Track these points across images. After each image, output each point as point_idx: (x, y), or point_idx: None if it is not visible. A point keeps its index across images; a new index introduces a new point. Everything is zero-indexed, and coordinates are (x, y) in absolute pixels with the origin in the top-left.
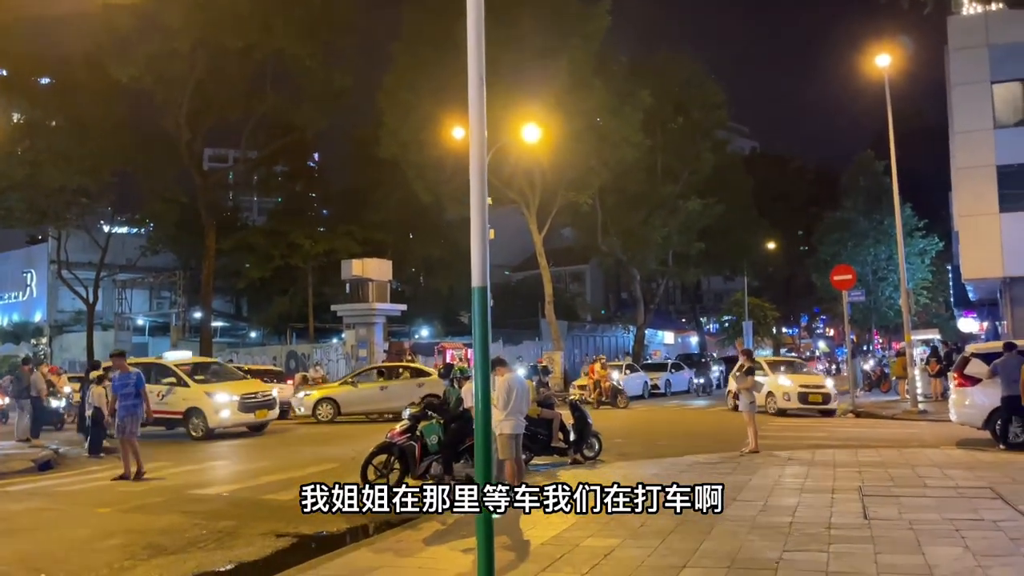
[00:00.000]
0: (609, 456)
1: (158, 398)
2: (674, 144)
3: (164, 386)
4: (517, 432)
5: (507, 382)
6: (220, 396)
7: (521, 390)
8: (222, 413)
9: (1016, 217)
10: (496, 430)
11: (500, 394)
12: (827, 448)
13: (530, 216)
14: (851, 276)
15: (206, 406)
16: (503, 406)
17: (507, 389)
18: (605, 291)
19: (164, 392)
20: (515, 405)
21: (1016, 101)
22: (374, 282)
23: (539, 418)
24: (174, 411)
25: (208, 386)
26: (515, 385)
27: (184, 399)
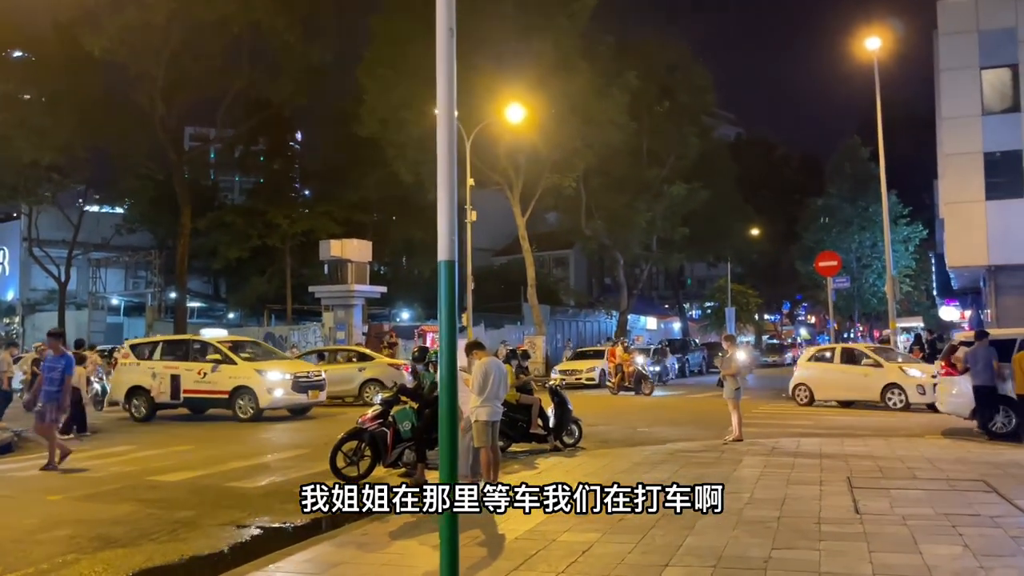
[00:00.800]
0: (589, 443)
1: (199, 376)
2: (660, 128)
3: (208, 364)
4: (494, 419)
5: (484, 366)
6: (273, 374)
7: (499, 375)
8: (275, 392)
9: (1002, 205)
10: (471, 417)
11: (476, 379)
12: (812, 437)
13: (513, 198)
14: (836, 262)
15: (257, 385)
16: (479, 391)
17: (484, 374)
18: (589, 276)
19: (208, 370)
20: (492, 390)
21: (1004, 88)
22: (353, 263)
23: (518, 404)
24: (218, 390)
25: (258, 363)
26: (492, 370)
27: (231, 377)
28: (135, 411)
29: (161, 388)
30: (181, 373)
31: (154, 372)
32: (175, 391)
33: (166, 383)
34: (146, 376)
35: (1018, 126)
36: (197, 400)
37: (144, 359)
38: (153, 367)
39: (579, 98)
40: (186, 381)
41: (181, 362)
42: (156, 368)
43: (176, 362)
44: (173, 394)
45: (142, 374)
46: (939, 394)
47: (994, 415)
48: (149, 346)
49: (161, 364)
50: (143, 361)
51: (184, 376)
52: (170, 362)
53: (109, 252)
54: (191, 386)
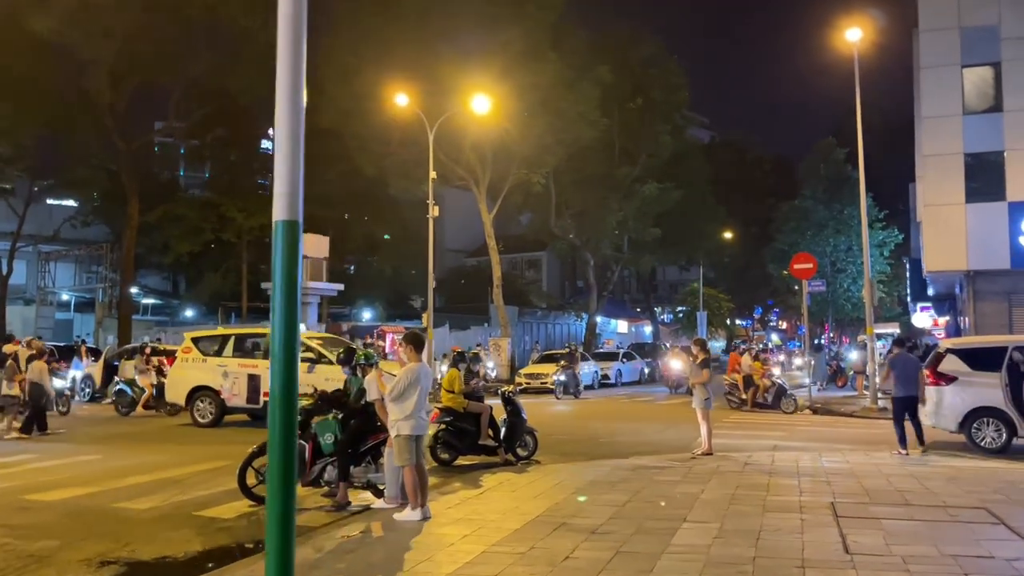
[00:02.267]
0: (546, 455)
1: None
2: (632, 125)
3: (305, 364)
4: (419, 433)
5: (412, 372)
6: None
7: (426, 383)
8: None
9: (982, 208)
10: (392, 430)
11: (398, 384)
12: (787, 450)
13: (480, 194)
14: (812, 265)
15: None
16: (398, 399)
17: (410, 380)
18: (562, 279)
19: (303, 369)
20: (419, 401)
21: (986, 87)
22: (308, 259)
23: (466, 412)
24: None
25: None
26: (421, 377)
27: (328, 380)
28: (200, 415)
29: (235, 390)
30: (262, 373)
31: (226, 371)
32: (253, 393)
33: (241, 384)
34: (214, 375)
35: (1000, 126)
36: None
37: (211, 355)
38: (224, 365)
39: (549, 91)
40: (267, 382)
41: (262, 360)
42: (229, 366)
43: (255, 360)
44: (250, 397)
45: (209, 372)
46: (923, 405)
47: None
48: (217, 340)
49: (235, 362)
50: (210, 358)
51: (265, 376)
52: (247, 359)
53: (60, 245)
54: None
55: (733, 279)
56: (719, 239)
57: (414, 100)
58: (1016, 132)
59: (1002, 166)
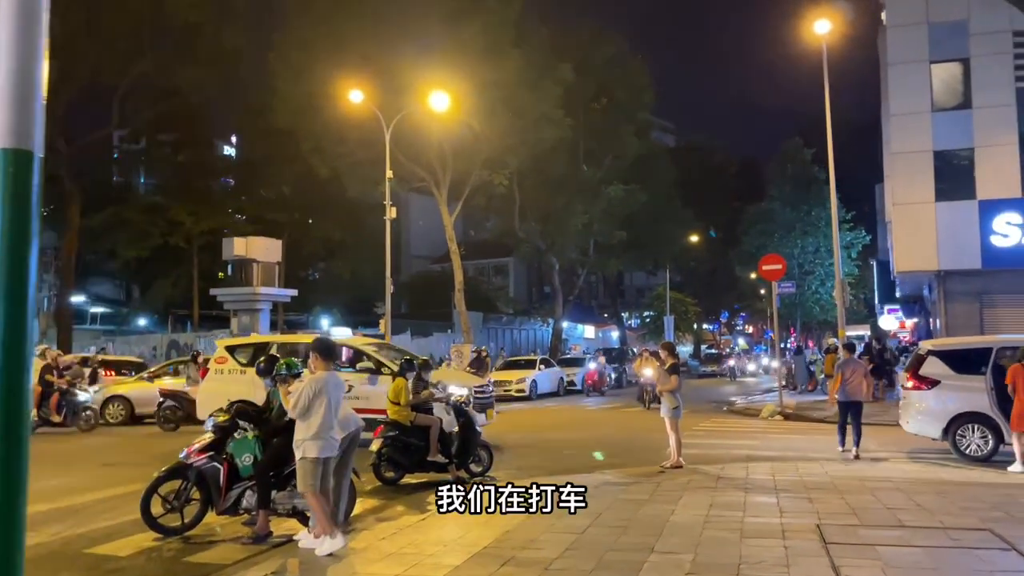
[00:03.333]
0: (503, 471)
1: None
2: (597, 126)
3: (361, 374)
4: (325, 455)
5: (315, 383)
6: (455, 389)
7: (336, 396)
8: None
9: (952, 207)
10: (297, 451)
11: (300, 398)
12: (762, 461)
13: (440, 196)
14: (781, 266)
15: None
16: (301, 414)
17: (313, 392)
18: (528, 285)
19: (358, 383)
20: (326, 418)
21: (955, 83)
22: (259, 263)
23: (413, 426)
24: (374, 409)
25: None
26: (326, 388)
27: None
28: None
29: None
30: None
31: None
32: None
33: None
34: (256, 388)
35: (969, 124)
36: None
37: (249, 365)
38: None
39: (510, 90)
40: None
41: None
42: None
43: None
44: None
45: (250, 385)
46: (904, 411)
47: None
48: (257, 349)
49: None
50: (249, 368)
51: None
52: None
53: None
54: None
55: (700, 283)
56: (686, 243)
57: (370, 97)
58: (985, 129)
59: (972, 164)
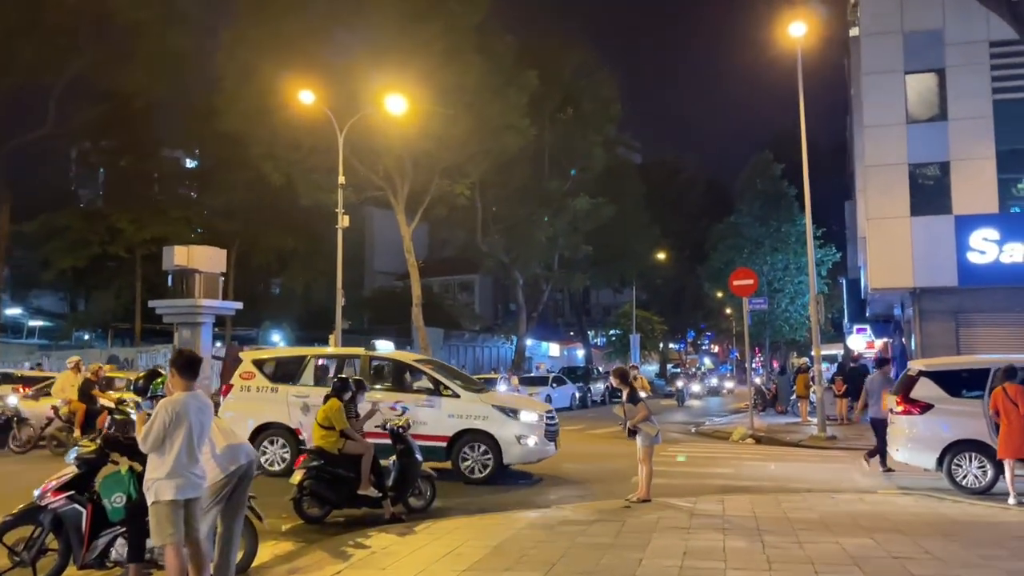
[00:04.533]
0: (450, 504)
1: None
2: (562, 137)
3: (418, 394)
4: (186, 496)
5: (172, 407)
6: (526, 414)
7: (199, 422)
8: (527, 441)
9: (928, 222)
10: (149, 493)
11: (154, 428)
12: (738, 492)
13: (398, 206)
14: (752, 281)
15: (499, 429)
16: (153, 445)
17: (169, 418)
18: (495, 302)
19: (412, 404)
20: (185, 448)
21: (930, 94)
22: (202, 274)
23: (341, 454)
24: (431, 435)
25: (496, 396)
26: (186, 412)
27: (453, 416)
28: (268, 462)
29: None
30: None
31: (306, 403)
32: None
33: None
34: (291, 409)
35: (945, 136)
36: (390, 448)
37: (282, 382)
38: (305, 396)
39: (473, 95)
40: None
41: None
42: (311, 397)
43: None
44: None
45: (282, 405)
46: (892, 438)
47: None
48: (292, 363)
49: (319, 392)
50: (283, 386)
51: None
52: None
53: None
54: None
55: (666, 302)
56: (652, 260)
57: (324, 100)
58: (961, 142)
59: (948, 178)
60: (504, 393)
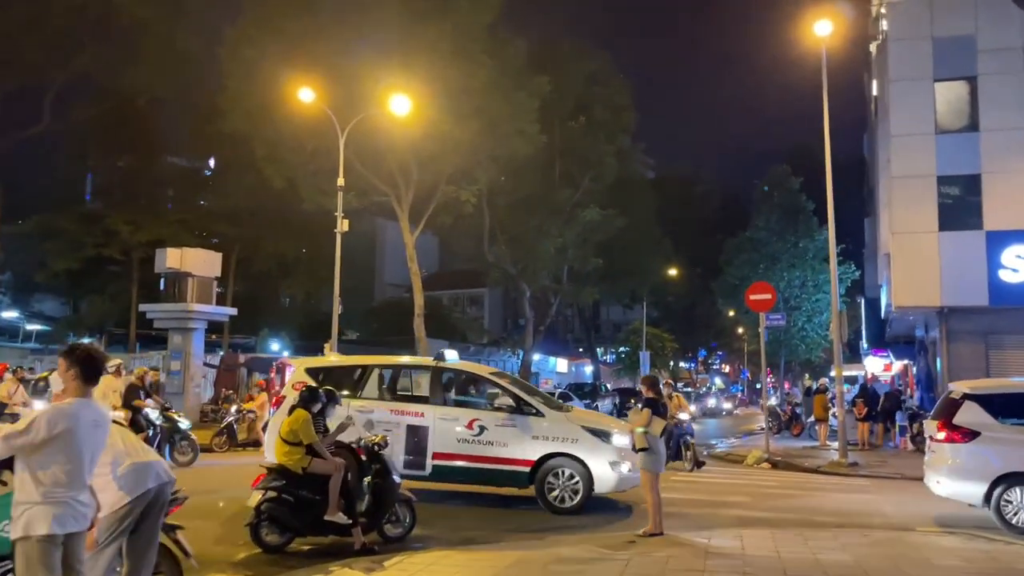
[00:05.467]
0: (432, 532)
1: (470, 431)
2: (574, 145)
3: (497, 412)
4: (66, 530)
5: (56, 416)
6: (618, 437)
7: (93, 438)
8: (621, 468)
9: (957, 237)
10: (15, 524)
11: (27, 436)
12: (757, 525)
13: (401, 212)
14: (770, 295)
15: (590, 453)
16: (33, 467)
17: (50, 428)
18: (504, 316)
19: (490, 423)
20: (72, 468)
21: (961, 103)
22: (195, 278)
23: (306, 473)
24: (511, 459)
25: (583, 416)
26: (77, 423)
27: (538, 438)
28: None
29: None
30: (432, 424)
31: (370, 419)
32: (416, 453)
33: (397, 439)
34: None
35: (976, 147)
36: (464, 471)
37: (350, 395)
38: (368, 411)
39: (482, 99)
40: (442, 438)
41: (429, 405)
42: (376, 413)
43: (419, 405)
44: (412, 458)
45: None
46: (932, 468)
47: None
48: (351, 373)
49: (384, 406)
50: (345, 399)
51: (439, 429)
52: (404, 403)
53: None
54: (453, 447)
55: (678, 320)
56: (664, 275)
57: (326, 99)
58: (994, 153)
59: (979, 191)
60: (586, 411)
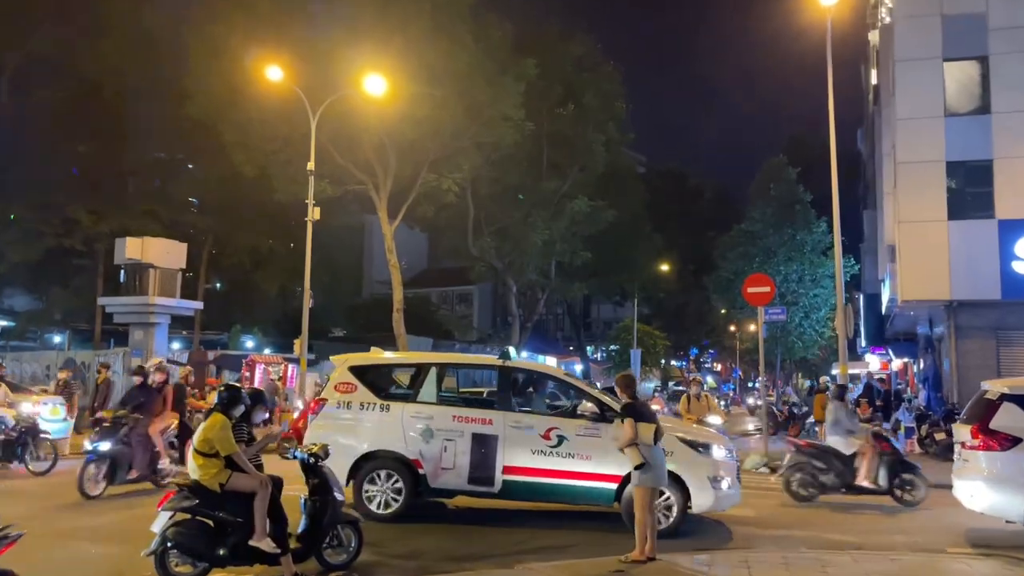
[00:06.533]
0: (386, 557)
1: (548, 442)
2: (562, 134)
3: (578, 420)
4: None
5: None
6: (718, 450)
7: None
8: (722, 485)
9: (968, 226)
10: None
11: None
12: (767, 548)
13: (379, 201)
14: (769, 288)
15: (688, 469)
16: None
17: None
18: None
19: (568, 432)
20: None
21: (972, 84)
22: (157, 269)
23: (224, 491)
24: (593, 473)
25: (676, 425)
26: None
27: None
28: (376, 503)
29: (445, 461)
30: (503, 433)
31: (429, 427)
32: (483, 467)
33: (461, 450)
34: (407, 433)
35: (988, 131)
36: (540, 488)
37: (394, 398)
38: (427, 417)
39: (464, 82)
40: (514, 449)
41: (499, 411)
42: (435, 419)
43: (487, 411)
44: (477, 473)
45: (395, 428)
46: (964, 479)
47: None
48: (406, 373)
49: (446, 412)
50: (395, 403)
51: (510, 439)
52: (468, 409)
53: None
54: (527, 460)
55: (669, 317)
56: (655, 271)
57: (297, 79)
58: (1006, 138)
59: (991, 177)
60: (674, 419)
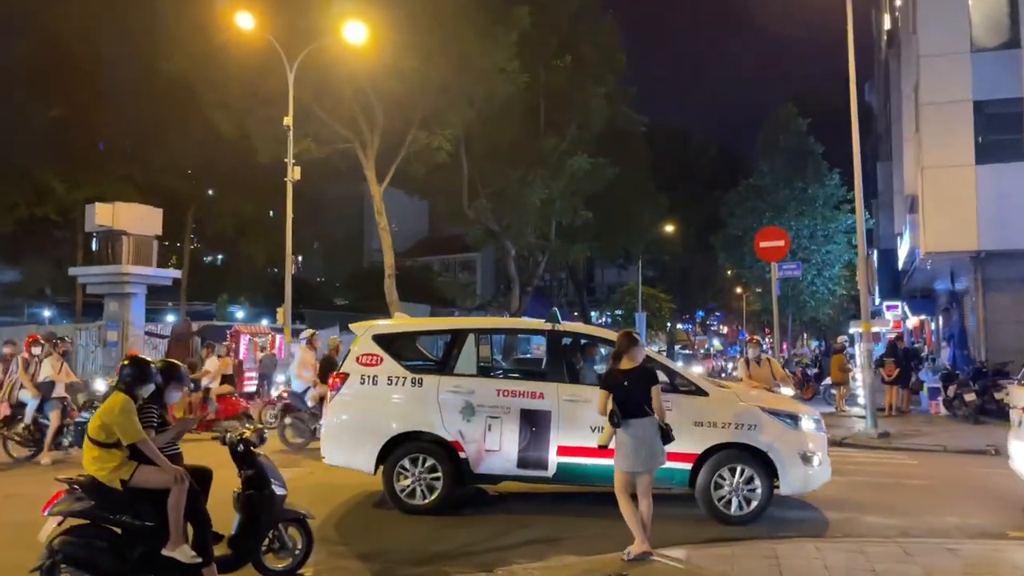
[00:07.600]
0: (341, 559)
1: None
2: (560, 88)
3: (685, 395)
4: None
5: None
6: (806, 421)
7: None
8: (814, 461)
9: (998, 171)
10: None
11: None
12: (790, 529)
13: (367, 160)
14: (783, 242)
15: (776, 443)
16: None
17: None
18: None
19: (679, 410)
20: None
21: (1000, 16)
22: (131, 236)
23: (127, 489)
24: (673, 452)
25: (758, 395)
26: None
27: (700, 424)
28: (406, 492)
29: (490, 442)
30: (556, 408)
31: (469, 403)
32: (535, 448)
33: (508, 430)
34: (444, 411)
35: (1018, 67)
36: (601, 471)
37: (427, 371)
38: (467, 392)
39: (453, 31)
40: (570, 427)
41: (550, 383)
42: (477, 394)
43: (537, 383)
44: (527, 456)
45: (429, 405)
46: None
47: None
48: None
49: (489, 385)
50: (429, 376)
51: (565, 414)
52: (515, 381)
53: None
54: (584, 440)
55: (674, 280)
56: (659, 232)
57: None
58: None
59: (1021, 117)
60: (752, 387)
